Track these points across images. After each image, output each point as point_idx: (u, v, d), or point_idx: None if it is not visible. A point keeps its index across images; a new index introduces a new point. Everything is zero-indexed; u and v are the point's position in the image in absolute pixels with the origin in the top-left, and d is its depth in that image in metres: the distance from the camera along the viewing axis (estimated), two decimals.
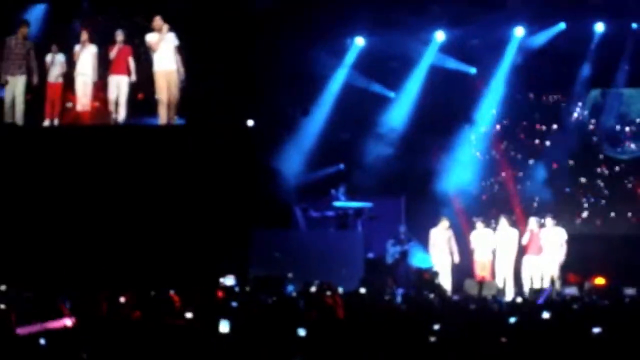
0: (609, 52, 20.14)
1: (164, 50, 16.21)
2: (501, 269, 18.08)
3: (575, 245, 18.13)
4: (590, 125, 21.22)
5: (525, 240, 18.01)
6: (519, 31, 20.31)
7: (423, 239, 19.17)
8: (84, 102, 17.61)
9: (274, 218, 19.74)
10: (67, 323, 7.90)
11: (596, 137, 21.20)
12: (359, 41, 20.98)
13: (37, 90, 17.55)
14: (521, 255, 18.17)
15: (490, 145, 21.12)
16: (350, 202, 19.44)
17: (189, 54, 17.60)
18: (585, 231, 19.42)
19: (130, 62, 17.31)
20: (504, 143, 21.17)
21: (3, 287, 12.88)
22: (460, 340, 7.57)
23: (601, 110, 21.20)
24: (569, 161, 21.05)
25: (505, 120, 21.19)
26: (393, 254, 19.02)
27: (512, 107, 21.05)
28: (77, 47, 17.45)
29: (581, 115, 21.22)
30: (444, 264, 18.29)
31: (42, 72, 17.39)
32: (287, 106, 20.79)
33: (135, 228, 17.20)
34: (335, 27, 20.03)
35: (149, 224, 17.23)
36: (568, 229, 18.38)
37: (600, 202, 21.02)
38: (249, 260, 18.40)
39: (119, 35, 17.27)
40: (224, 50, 18.71)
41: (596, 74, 20.52)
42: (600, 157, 21.14)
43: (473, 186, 21.03)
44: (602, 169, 21.13)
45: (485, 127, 21.12)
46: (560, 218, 18.73)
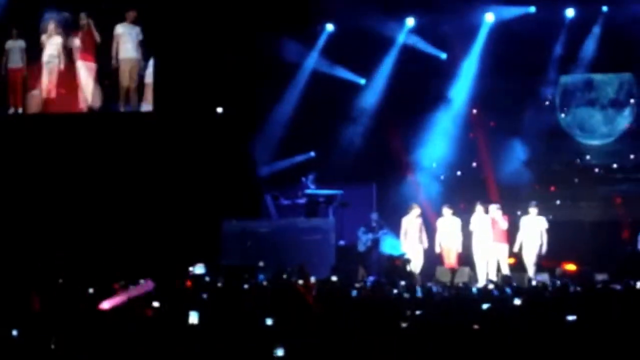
0: (580, 37, 20.12)
1: (130, 42, 16.46)
2: (476, 256, 17.93)
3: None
4: (562, 110, 21.20)
5: (487, 226, 17.83)
6: (489, 17, 20.25)
7: (394, 226, 19.10)
8: (49, 89, 17.48)
9: (244, 206, 19.61)
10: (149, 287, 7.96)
11: (567, 122, 21.20)
12: (330, 27, 20.85)
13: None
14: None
15: (461, 131, 21.03)
16: (320, 189, 19.36)
17: (160, 43, 17.51)
18: (556, 217, 19.38)
19: (94, 50, 17.25)
20: (476, 129, 21.09)
21: None
22: (434, 327, 7.50)
23: (572, 95, 21.19)
24: (540, 146, 21.04)
25: (476, 106, 21.12)
26: (365, 241, 18.93)
27: (483, 92, 20.99)
28: (43, 37, 17.35)
29: (552, 100, 21.21)
30: (415, 251, 18.20)
31: (2, 60, 17.29)
32: (257, 93, 20.63)
33: (104, 217, 17.07)
34: (305, 13, 19.89)
35: (118, 213, 17.11)
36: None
37: (572, 188, 21.03)
38: (220, 250, 18.33)
39: (83, 19, 17.17)
40: (193, 38, 18.55)
41: (567, 59, 20.49)
42: (571, 143, 21.14)
43: (445, 172, 20.98)
44: (573, 155, 21.15)
45: (457, 113, 21.04)
46: (531, 204, 18.70)
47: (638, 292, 12.23)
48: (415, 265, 17.98)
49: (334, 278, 14.74)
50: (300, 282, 11.13)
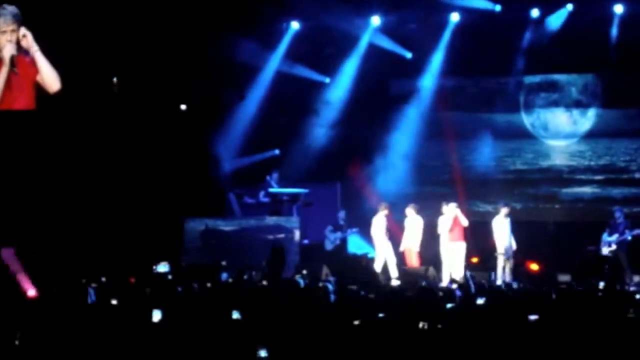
0: (545, 38, 20.18)
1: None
2: (443, 256, 17.84)
3: None
4: (526, 110, 21.27)
5: (447, 226, 17.77)
6: (454, 16, 20.28)
7: (358, 225, 19.10)
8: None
9: (208, 205, 19.52)
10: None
11: (531, 122, 21.26)
12: (295, 25, 20.77)
13: None
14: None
15: (426, 130, 21.03)
16: (284, 188, 19.30)
17: (123, 40, 17.33)
18: (519, 218, 19.41)
19: None
20: (440, 128, 21.09)
21: None
22: (397, 327, 7.48)
23: (536, 95, 21.27)
24: (505, 146, 21.12)
25: (440, 105, 21.13)
26: (334, 240, 18.91)
27: (448, 91, 21.04)
28: None
29: (517, 100, 21.27)
30: (383, 250, 18.11)
31: None
32: (221, 91, 20.52)
33: (67, 215, 16.90)
34: (270, 12, 19.78)
35: (81, 211, 16.94)
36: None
37: (535, 188, 21.11)
38: (182, 248, 18.24)
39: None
40: (156, 36, 18.38)
41: (531, 59, 20.55)
42: (535, 143, 21.22)
43: (409, 171, 20.96)
44: (537, 155, 21.23)
45: (421, 112, 21.04)
46: (495, 204, 18.75)
47: (600, 292, 12.28)
48: (387, 264, 17.85)
49: (298, 277, 14.66)
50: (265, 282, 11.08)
